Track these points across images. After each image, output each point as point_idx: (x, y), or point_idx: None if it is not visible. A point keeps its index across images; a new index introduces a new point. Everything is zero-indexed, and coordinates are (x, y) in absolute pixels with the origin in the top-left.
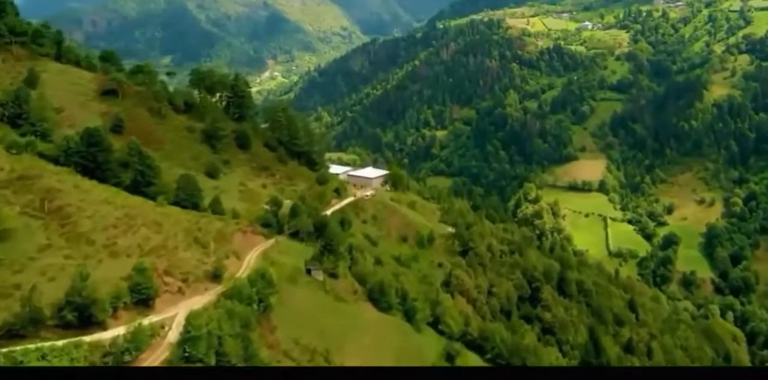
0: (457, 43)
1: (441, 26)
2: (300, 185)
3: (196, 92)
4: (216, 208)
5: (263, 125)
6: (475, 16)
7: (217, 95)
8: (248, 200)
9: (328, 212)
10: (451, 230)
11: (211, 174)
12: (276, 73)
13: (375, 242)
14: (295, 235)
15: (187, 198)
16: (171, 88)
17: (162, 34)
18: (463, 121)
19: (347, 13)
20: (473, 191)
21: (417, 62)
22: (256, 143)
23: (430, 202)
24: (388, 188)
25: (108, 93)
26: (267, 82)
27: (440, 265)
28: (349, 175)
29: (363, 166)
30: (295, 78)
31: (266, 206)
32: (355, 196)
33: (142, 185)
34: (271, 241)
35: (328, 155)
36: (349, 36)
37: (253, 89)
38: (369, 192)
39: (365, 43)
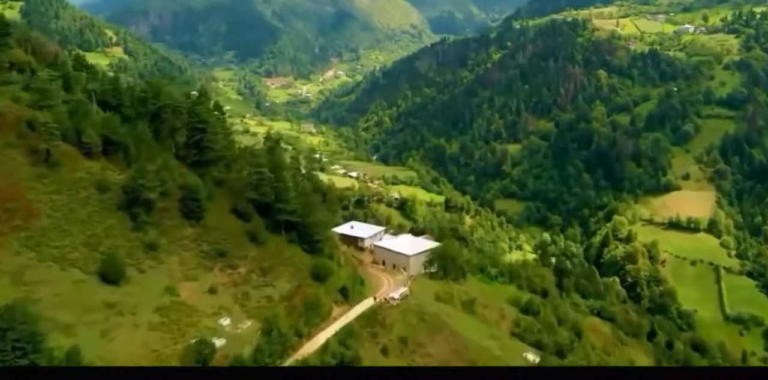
0: (536, 45)
1: (518, 26)
2: (281, 282)
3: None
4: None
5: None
6: (556, 16)
7: (174, 124)
8: (167, 330)
9: (326, 333)
10: (534, 358)
11: (110, 277)
12: (340, 73)
13: None
14: None
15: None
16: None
17: (226, 29)
18: (540, 135)
19: (418, 10)
20: (551, 221)
21: (489, 65)
22: (217, 209)
23: (498, 281)
24: (434, 269)
25: None
26: (330, 82)
27: None
28: (376, 246)
29: (421, 184)
30: (359, 77)
31: (193, 342)
32: (375, 298)
33: None
34: None
35: (381, 171)
36: (419, 35)
37: (315, 89)
38: (399, 292)
39: (433, 43)
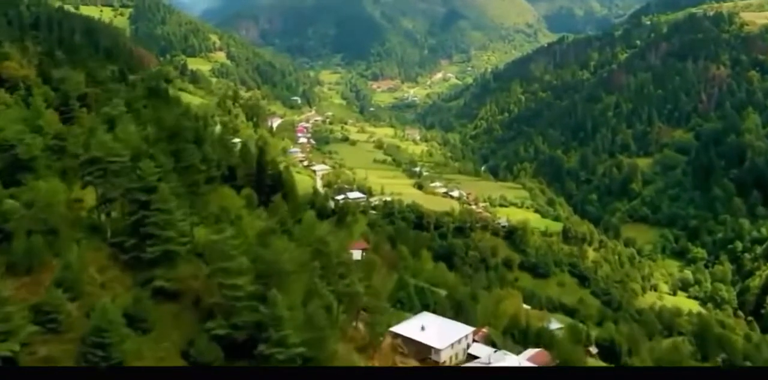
0: (670, 43)
1: (647, 22)
2: None
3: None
4: None
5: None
6: (694, 10)
7: (105, 192)
8: None
9: None
10: None
11: None
12: (449, 75)
13: None
14: None
15: None
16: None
17: (334, 31)
18: (677, 148)
19: (533, 7)
20: (693, 254)
21: (614, 67)
22: (153, 353)
23: None
24: None
25: None
26: (438, 85)
27: None
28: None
29: (534, 207)
30: (469, 80)
31: None
32: None
33: None
34: None
35: (488, 188)
36: (534, 34)
37: (422, 92)
38: None
39: (550, 42)
